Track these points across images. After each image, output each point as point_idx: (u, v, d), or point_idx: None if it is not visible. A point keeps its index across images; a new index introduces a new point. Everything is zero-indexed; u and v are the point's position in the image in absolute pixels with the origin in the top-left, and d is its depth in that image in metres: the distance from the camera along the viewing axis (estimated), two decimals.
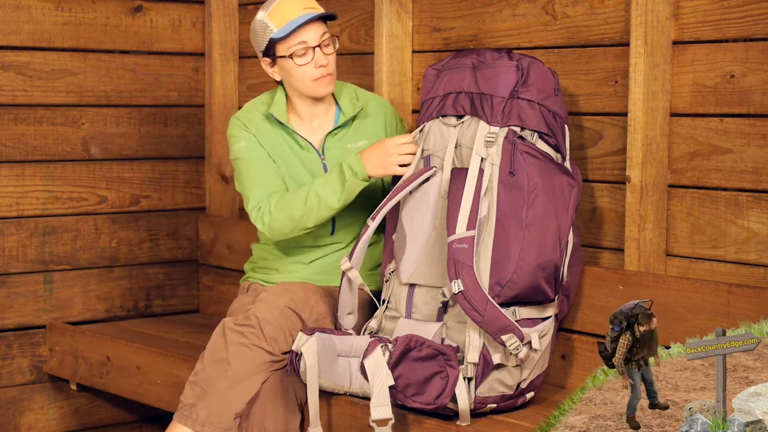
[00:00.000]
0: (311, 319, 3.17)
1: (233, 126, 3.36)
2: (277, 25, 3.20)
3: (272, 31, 3.21)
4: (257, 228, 3.27)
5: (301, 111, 3.34)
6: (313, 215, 3.18)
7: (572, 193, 3.00)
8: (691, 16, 3.02)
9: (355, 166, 3.13)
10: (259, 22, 3.25)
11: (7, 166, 3.98)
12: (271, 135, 3.33)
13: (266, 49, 3.25)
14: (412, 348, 2.83)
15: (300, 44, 3.20)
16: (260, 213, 3.23)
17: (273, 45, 3.23)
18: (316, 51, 3.22)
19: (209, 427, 3.02)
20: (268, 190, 3.25)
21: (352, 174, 3.13)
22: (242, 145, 3.32)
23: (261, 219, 3.23)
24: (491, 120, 3.01)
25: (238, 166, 3.33)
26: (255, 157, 3.30)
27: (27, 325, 4.06)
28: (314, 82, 3.24)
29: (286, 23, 3.19)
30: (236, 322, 3.09)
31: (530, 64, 3.05)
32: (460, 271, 2.84)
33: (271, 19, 3.21)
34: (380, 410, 2.79)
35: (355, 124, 3.35)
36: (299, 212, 3.18)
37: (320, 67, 3.22)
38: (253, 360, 3.04)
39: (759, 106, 2.90)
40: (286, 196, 3.22)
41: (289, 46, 3.21)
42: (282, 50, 3.22)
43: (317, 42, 3.22)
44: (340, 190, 3.14)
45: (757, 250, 2.92)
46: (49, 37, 4.02)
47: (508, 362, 2.89)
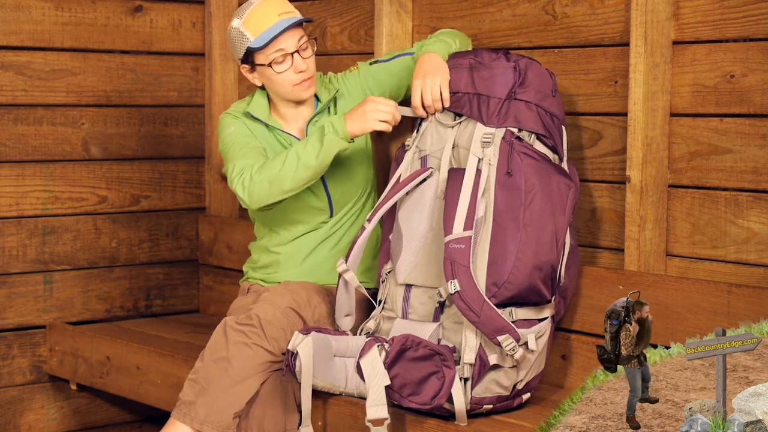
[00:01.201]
0: (313, 319, 3.18)
1: (223, 119, 3.36)
2: (253, 33, 3.19)
3: (249, 40, 3.20)
4: (237, 194, 3.20)
5: (284, 113, 3.34)
6: (290, 174, 3.11)
7: (569, 194, 3.00)
8: (691, 16, 3.02)
9: (336, 123, 3.09)
10: (234, 30, 3.23)
11: (7, 166, 3.98)
12: (259, 129, 3.33)
13: (244, 56, 3.24)
14: (408, 348, 2.83)
15: (278, 51, 3.19)
16: (241, 179, 3.17)
17: (251, 54, 3.22)
18: (295, 56, 3.21)
19: (208, 425, 3.02)
20: (251, 160, 3.21)
21: (333, 131, 3.08)
22: (232, 129, 3.31)
23: (242, 184, 3.16)
24: (488, 121, 3.01)
25: (224, 146, 3.30)
26: (244, 137, 3.29)
27: (27, 325, 4.06)
28: (295, 87, 3.24)
29: (263, 32, 3.18)
30: (238, 321, 3.09)
31: (528, 65, 3.05)
32: (456, 271, 2.85)
33: (246, 27, 3.20)
34: (376, 410, 2.79)
35: (333, 108, 3.35)
36: (277, 171, 3.11)
37: (300, 72, 3.22)
38: (254, 359, 3.04)
39: (759, 106, 2.90)
40: (267, 161, 3.18)
41: (268, 55, 3.20)
42: (261, 59, 3.22)
43: (295, 48, 3.21)
44: (319, 147, 3.09)
45: (757, 250, 2.92)
46: (49, 37, 4.02)
47: (504, 363, 2.89)
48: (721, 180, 2.99)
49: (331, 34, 3.96)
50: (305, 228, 3.36)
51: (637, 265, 3.07)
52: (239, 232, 4.20)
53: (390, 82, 3.37)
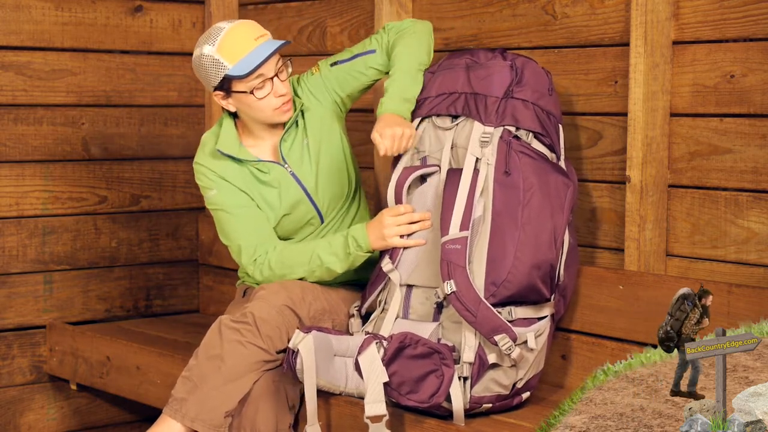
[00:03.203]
0: (308, 316, 3.17)
1: (199, 175, 3.29)
2: (230, 61, 3.10)
3: (227, 68, 3.10)
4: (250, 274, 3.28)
5: (259, 134, 3.28)
6: (315, 276, 3.21)
7: (568, 193, 3.00)
8: (691, 16, 3.02)
9: (360, 239, 3.12)
10: (207, 57, 3.12)
11: (7, 166, 3.98)
12: (235, 170, 3.27)
13: (220, 84, 3.16)
14: (407, 345, 2.83)
15: (258, 78, 3.12)
16: (258, 266, 3.23)
17: (228, 81, 3.14)
18: (275, 81, 3.15)
19: (199, 423, 3.01)
20: (258, 238, 3.23)
21: (357, 247, 3.13)
22: (214, 192, 3.26)
23: (260, 272, 3.24)
24: (485, 120, 3.01)
25: (218, 216, 3.28)
26: (232, 204, 3.25)
27: (27, 325, 4.06)
28: (275, 111, 3.18)
29: (242, 58, 3.10)
30: (233, 319, 3.09)
31: (524, 63, 3.06)
32: (452, 271, 2.85)
33: (222, 54, 3.10)
34: (374, 407, 2.78)
35: (301, 123, 3.29)
36: (300, 272, 3.21)
37: (280, 96, 3.16)
38: (248, 358, 3.03)
39: (759, 106, 2.90)
40: (286, 252, 3.21)
41: (248, 82, 3.12)
42: (240, 87, 3.14)
43: (274, 72, 3.15)
44: (345, 260, 3.16)
45: (757, 250, 2.92)
46: (49, 37, 4.02)
47: (503, 362, 2.89)
48: (721, 180, 2.99)
49: (331, 34, 3.96)
50: (298, 236, 3.36)
51: (637, 265, 3.07)
52: None
53: (352, 84, 3.31)
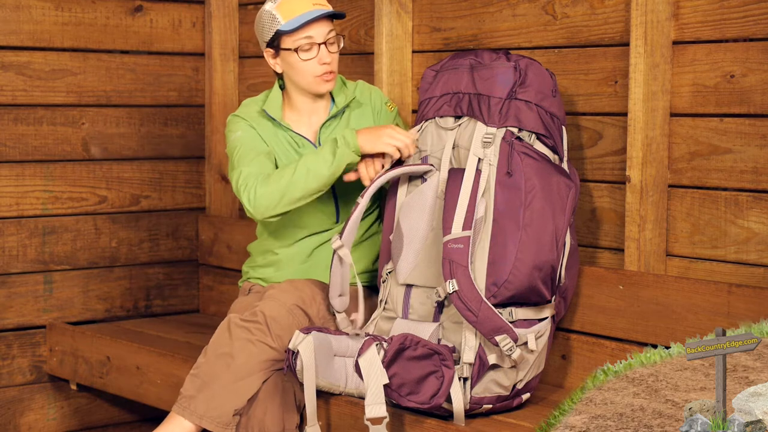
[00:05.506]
0: (318, 316, 3.18)
1: (231, 121, 3.36)
2: (285, 17, 3.21)
3: (280, 23, 3.21)
4: (243, 204, 3.20)
5: (300, 106, 3.34)
6: (300, 185, 3.12)
7: (569, 195, 3.00)
8: (691, 16, 3.02)
9: (348, 137, 3.12)
10: (266, 12, 3.25)
11: (7, 166, 3.98)
12: (269, 130, 3.33)
13: (271, 40, 3.25)
14: (407, 347, 2.83)
15: (306, 39, 3.21)
16: (247, 188, 3.17)
17: (279, 37, 3.23)
18: (321, 48, 3.23)
19: (207, 420, 3.02)
20: (258, 168, 3.21)
21: (345, 143, 3.11)
22: (239, 134, 3.30)
23: (247, 194, 3.16)
24: (488, 121, 3.01)
25: (232, 152, 3.29)
26: (251, 141, 3.28)
27: (27, 325, 4.06)
28: (316, 79, 3.25)
29: (295, 17, 3.20)
30: (242, 317, 3.09)
31: (528, 65, 3.05)
32: (455, 271, 2.85)
33: (279, 11, 3.22)
34: (375, 408, 2.79)
35: (347, 114, 3.36)
36: (285, 182, 3.12)
37: (324, 65, 3.23)
38: (257, 356, 3.04)
39: (759, 106, 2.90)
40: (274, 173, 3.18)
41: (295, 40, 3.21)
42: (287, 43, 3.23)
43: (323, 39, 3.23)
44: (331, 159, 3.11)
45: (757, 250, 2.92)
46: (49, 37, 4.02)
47: (503, 363, 2.89)
48: (721, 180, 2.99)
49: None
50: (308, 231, 3.36)
51: (637, 265, 3.07)
52: (239, 232, 4.20)
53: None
